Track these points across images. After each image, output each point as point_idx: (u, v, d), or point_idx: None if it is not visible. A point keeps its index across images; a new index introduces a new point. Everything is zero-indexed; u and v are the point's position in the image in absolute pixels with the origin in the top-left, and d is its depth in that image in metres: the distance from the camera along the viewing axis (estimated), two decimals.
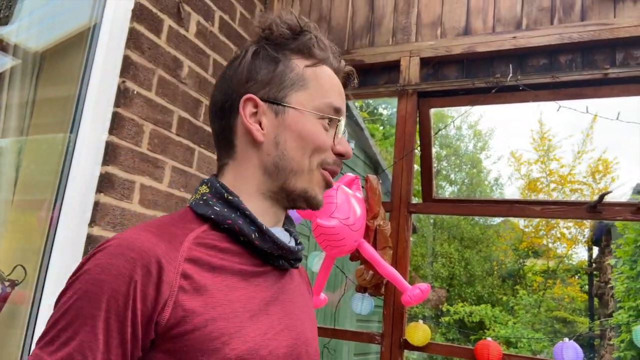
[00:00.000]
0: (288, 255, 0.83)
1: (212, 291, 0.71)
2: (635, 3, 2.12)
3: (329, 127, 0.84)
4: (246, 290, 0.76)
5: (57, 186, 1.80)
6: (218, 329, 0.69)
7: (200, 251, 0.74)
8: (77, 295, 0.64)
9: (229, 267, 0.76)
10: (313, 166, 0.82)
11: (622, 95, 2.10)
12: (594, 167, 13.82)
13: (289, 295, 0.85)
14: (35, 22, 1.93)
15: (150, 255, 0.67)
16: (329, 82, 0.86)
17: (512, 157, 15.43)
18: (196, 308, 0.68)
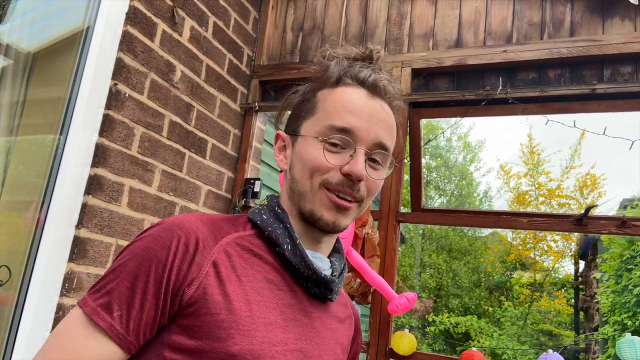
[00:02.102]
0: (317, 280, 0.84)
1: (235, 287, 0.77)
2: (623, 20, 2.16)
3: (341, 148, 0.83)
4: (269, 299, 0.79)
5: (45, 187, 1.79)
6: (229, 321, 0.73)
7: (236, 250, 0.81)
8: (128, 256, 0.75)
9: (258, 272, 0.81)
10: (315, 187, 0.83)
11: (609, 110, 2.14)
12: (582, 182, 13.96)
13: (316, 324, 0.85)
14: (28, 23, 1.93)
15: (191, 235, 0.76)
16: (336, 103, 0.85)
17: (502, 170, 15.54)
18: (215, 296, 0.74)
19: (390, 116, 0.88)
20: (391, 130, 0.87)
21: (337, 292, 0.90)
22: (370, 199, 0.88)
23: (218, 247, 0.79)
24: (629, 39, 2.09)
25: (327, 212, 0.83)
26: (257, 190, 2.63)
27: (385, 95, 0.88)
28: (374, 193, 0.87)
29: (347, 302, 1.00)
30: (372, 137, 0.83)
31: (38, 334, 1.66)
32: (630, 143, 2.16)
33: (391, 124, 0.88)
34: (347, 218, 0.85)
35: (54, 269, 1.71)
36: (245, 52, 2.75)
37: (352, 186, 0.83)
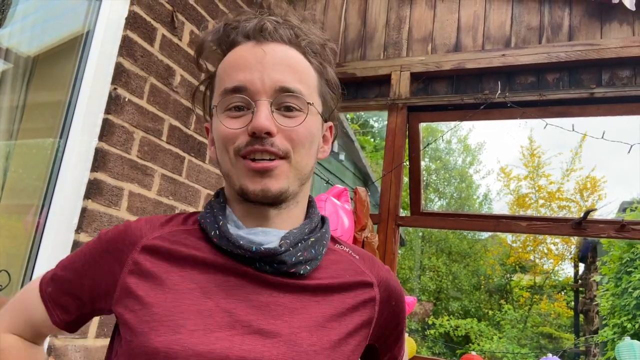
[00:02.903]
0: (254, 256, 0.75)
1: (159, 281, 0.75)
2: (621, 25, 2.17)
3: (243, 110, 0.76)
4: (206, 286, 0.74)
5: (44, 191, 1.80)
6: (150, 314, 0.72)
7: (165, 243, 0.79)
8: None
9: (192, 262, 0.77)
10: (233, 160, 0.77)
11: (608, 114, 2.14)
12: (582, 184, 13.97)
13: (283, 300, 0.75)
14: (29, 27, 1.94)
15: (119, 236, 0.81)
16: (224, 67, 0.80)
17: (502, 172, 15.55)
18: (139, 291, 0.74)
19: (291, 55, 0.79)
20: (294, 69, 0.78)
21: (303, 262, 0.77)
22: (301, 150, 0.78)
23: (143, 244, 0.79)
24: (627, 43, 2.10)
25: (250, 182, 0.75)
26: None
27: (277, 36, 0.79)
28: (299, 142, 0.77)
29: (358, 267, 0.86)
30: (269, 84, 0.75)
31: None
32: (628, 147, 2.17)
33: (293, 63, 0.78)
34: (278, 180, 0.75)
35: None
36: None
37: (262, 141, 0.74)
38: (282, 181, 0.76)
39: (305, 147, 0.78)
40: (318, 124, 0.82)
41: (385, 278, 0.88)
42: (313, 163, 0.83)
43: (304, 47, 0.81)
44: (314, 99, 0.81)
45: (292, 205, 0.82)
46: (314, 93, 0.81)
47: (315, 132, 0.81)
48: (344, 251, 0.88)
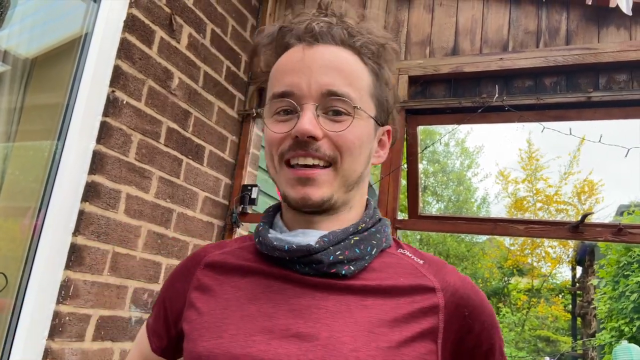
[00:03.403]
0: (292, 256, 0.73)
1: (213, 292, 0.79)
2: (618, 29, 2.17)
3: (290, 115, 0.75)
4: (251, 292, 0.76)
5: (42, 194, 1.79)
6: (201, 322, 0.76)
7: (221, 258, 0.83)
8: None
9: (241, 271, 0.80)
10: (277, 166, 0.77)
11: (605, 118, 2.15)
12: (580, 188, 14.00)
13: (325, 304, 0.72)
14: (27, 29, 1.94)
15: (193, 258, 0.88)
16: (274, 72, 0.80)
17: (501, 175, 15.57)
18: (198, 304, 0.79)
19: (341, 57, 0.76)
20: (343, 72, 0.75)
21: (345, 262, 0.73)
22: (349, 157, 0.74)
23: (205, 261, 0.85)
24: (624, 47, 2.11)
25: (291, 189, 0.74)
26: (255, 196, 2.63)
27: (328, 38, 0.77)
28: (347, 148, 0.74)
29: (418, 271, 0.78)
30: (316, 87, 0.73)
31: (34, 341, 1.66)
32: (626, 150, 2.18)
33: (342, 65, 0.75)
34: (320, 187, 0.73)
35: (51, 276, 1.71)
36: (243, 59, 2.76)
37: (305, 146, 0.72)
38: (325, 189, 0.73)
39: (353, 154, 0.75)
40: (369, 129, 0.78)
41: (453, 284, 0.78)
42: (363, 169, 0.78)
43: (358, 47, 0.78)
44: (365, 103, 0.77)
45: (344, 211, 0.79)
46: (366, 96, 0.77)
47: (366, 137, 0.77)
48: (405, 255, 0.82)
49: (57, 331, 1.69)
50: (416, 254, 0.82)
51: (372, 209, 0.83)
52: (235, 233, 2.58)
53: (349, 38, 0.77)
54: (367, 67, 0.79)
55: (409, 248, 0.84)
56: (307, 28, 0.77)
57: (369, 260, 0.76)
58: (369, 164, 0.80)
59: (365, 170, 0.80)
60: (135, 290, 2.00)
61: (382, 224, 0.83)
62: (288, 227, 0.80)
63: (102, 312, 1.85)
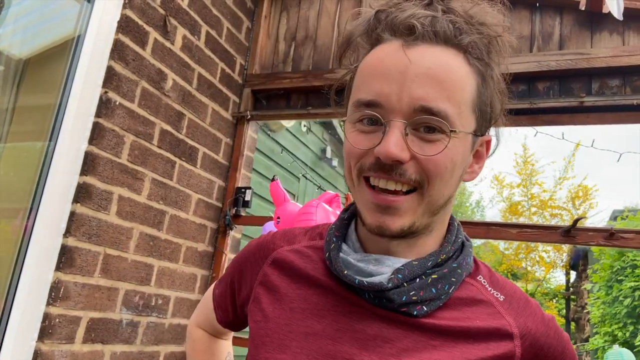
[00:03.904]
0: (361, 287, 0.68)
1: (282, 294, 0.75)
2: (611, 34, 2.19)
3: (376, 126, 0.65)
4: (318, 307, 0.71)
5: (33, 195, 1.78)
6: (265, 329, 0.73)
7: (292, 257, 0.78)
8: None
9: (311, 280, 0.74)
10: (356, 180, 0.68)
11: (597, 123, 2.16)
12: (574, 193, 14.06)
13: (388, 335, 0.67)
14: (20, 30, 1.93)
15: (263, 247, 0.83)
16: (363, 71, 0.69)
17: (496, 179, 15.61)
18: (263, 303, 0.76)
19: (441, 61, 0.64)
20: (441, 83, 0.63)
21: (418, 302, 0.67)
22: (438, 183, 0.65)
23: (273, 257, 0.80)
24: (617, 52, 2.12)
25: (369, 214, 0.67)
26: (248, 199, 2.62)
27: (430, 36, 0.65)
28: (437, 173, 0.64)
29: (497, 310, 0.70)
30: (407, 101, 0.62)
31: (24, 343, 1.65)
32: (618, 155, 2.19)
33: (441, 73, 0.63)
34: (401, 217, 0.65)
35: (41, 277, 1.70)
36: (238, 61, 2.76)
37: (389, 169, 0.63)
38: (406, 218, 0.65)
39: (443, 179, 0.65)
40: (465, 148, 0.67)
41: (535, 331, 0.70)
42: (452, 192, 0.69)
43: (465, 46, 0.66)
44: (464, 118, 0.65)
45: (424, 235, 0.70)
46: (466, 110, 0.66)
47: (460, 158, 0.66)
48: (483, 287, 0.73)
49: (47, 333, 1.68)
50: (497, 286, 0.73)
51: (455, 232, 0.74)
52: (229, 235, 2.57)
53: (455, 35, 0.65)
54: (472, 69, 0.67)
55: (488, 275, 0.75)
56: (406, 22, 0.65)
57: (445, 300, 0.68)
58: (459, 184, 0.70)
59: (455, 192, 0.70)
60: (126, 293, 1.99)
61: (465, 253, 0.73)
62: (362, 243, 0.73)
63: (93, 314, 1.84)
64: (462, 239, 0.74)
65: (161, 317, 2.18)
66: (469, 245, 0.75)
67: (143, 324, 2.08)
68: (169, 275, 2.23)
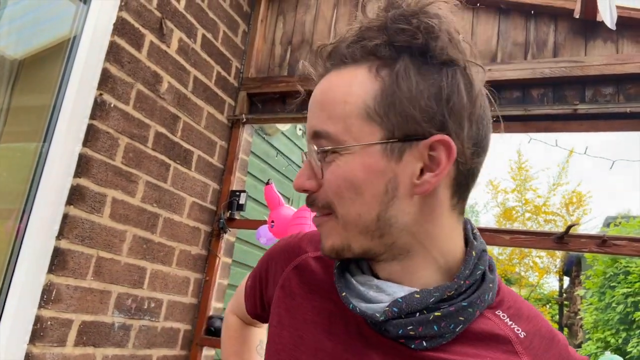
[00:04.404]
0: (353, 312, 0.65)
1: (298, 302, 0.75)
2: (605, 42, 2.20)
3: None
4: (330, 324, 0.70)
5: (26, 196, 1.77)
6: (279, 337, 0.74)
7: (317, 263, 0.77)
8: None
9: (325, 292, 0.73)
10: None
11: (591, 130, 2.17)
12: (568, 199, 14.11)
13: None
14: (15, 30, 1.93)
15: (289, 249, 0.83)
16: None
17: (490, 184, 15.66)
18: (281, 308, 0.77)
19: (325, 86, 0.65)
20: (322, 105, 0.64)
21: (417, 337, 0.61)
22: (342, 202, 0.62)
23: (297, 262, 0.79)
24: (611, 60, 2.14)
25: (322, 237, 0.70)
26: (243, 202, 2.62)
27: (335, 59, 0.65)
28: (334, 194, 0.62)
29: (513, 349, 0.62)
30: (310, 132, 0.65)
31: (15, 346, 1.64)
32: (611, 163, 2.20)
33: (322, 97, 0.64)
34: (328, 237, 0.66)
35: (33, 280, 1.69)
36: (234, 65, 2.76)
37: (309, 201, 0.67)
38: (333, 238, 0.65)
39: (344, 198, 0.62)
40: (369, 161, 0.61)
41: None
42: (376, 212, 0.62)
43: (363, 55, 0.63)
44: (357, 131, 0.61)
45: (405, 259, 0.65)
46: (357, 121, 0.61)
47: (362, 174, 0.61)
48: (503, 322, 0.65)
49: (39, 336, 1.67)
50: (520, 320, 0.65)
51: (472, 262, 0.64)
52: (222, 239, 2.57)
53: (360, 47, 0.62)
54: (370, 73, 0.62)
55: (512, 305, 0.67)
56: (321, 55, 0.67)
57: (449, 338, 0.62)
58: (392, 201, 0.62)
59: (391, 210, 0.62)
60: (119, 296, 1.98)
61: (484, 289, 0.63)
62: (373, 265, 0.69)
63: (85, 317, 1.83)
64: (483, 270, 0.65)
65: (154, 320, 2.18)
66: (491, 279, 0.65)
67: (135, 328, 2.07)
68: (162, 278, 2.22)
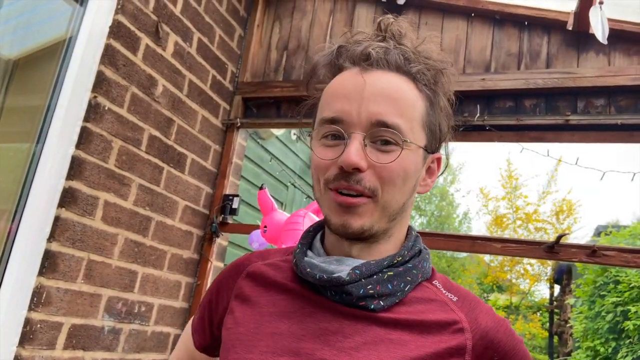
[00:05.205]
0: (322, 283, 0.74)
1: (254, 302, 0.81)
2: (597, 55, 2.23)
3: (338, 141, 0.74)
4: (285, 310, 0.77)
5: (18, 197, 1.77)
6: (236, 333, 0.78)
7: (263, 270, 0.84)
8: None
9: (279, 286, 0.80)
10: (322, 190, 0.76)
11: (582, 141, 2.19)
12: (558, 207, 14.20)
13: (349, 331, 0.72)
14: (10, 31, 1.92)
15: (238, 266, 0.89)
16: (327, 94, 0.79)
17: (481, 192, 15.73)
18: (236, 312, 0.81)
19: (395, 85, 0.74)
20: (395, 101, 0.73)
21: (375, 296, 0.73)
22: (391, 189, 0.73)
23: (247, 271, 0.86)
24: (603, 72, 2.16)
25: (334, 215, 0.74)
26: (236, 206, 2.62)
27: (383, 63, 0.75)
28: (390, 180, 0.72)
29: (449, 307, 0.77)
30: (365, 116, 0.72)
31: (4, 348, 1.62)
32: (601, 174, 2.22)
33: (394, 94, 0.73)
34: (361, 217, 0.73)
35: (23, 282, 1.68)
36: (229, 69, 2.76)
37: (348, 177, 0.72)
38: (366, 219, 0.73)
39: (396, 186, 0.73)
40: (417, 159, 0.76)
41: (484, 325, 0.75)
42: (405, 200, 0.77)
43: (414, 73, 0.76)
44: (416, 133, 0.75)
45: (383, 241, 0.78)
46: (417, 126, 0.75)
47: (412, 168, 0.75)
48: (438, 290, 0.80)
49: (28, 338, 1.66)
50: (451, 289, 0.80)
51: (413, 239, 0.81)
52: (215, 243, 2.57)
53: (405, 64, 0.76)
54: (421, 94, 0.77)
55: (443, 281, 0.82)
56: (363, 52, 0.76)
57: (401, 297, 0.75)
58: (413, 193, 0.79)
59: (409, 200, 0.78)
60: (109, 299, 1.97)
61: (422, 258, 0.80)
62: (327, 250, 0.81)
63: (75, 321, 1.82)
64: (420, 247, 0.82)
65: (144, 324, 2.17)
66: (426, 252, 0.83)
67: (125, 331, 2.06)
68: (153, 282, 2.22)
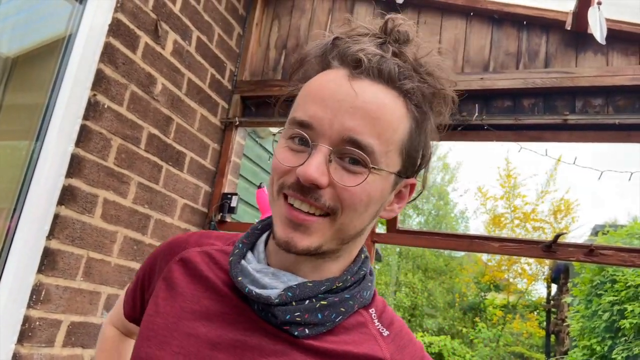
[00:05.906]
0: (252, 299, 0.69)
1: (179, 291, 0.76)
2: (595, 55, 2.24)
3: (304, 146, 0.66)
4: (208, 312, 0.72)
5: (17, 195, 1.77)
6: (153, 323, 0.74)
7: (198, 259, 0.79)
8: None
9: (210, 284, 0.75)
10: (275, 193, 0.69)
11: (580, 140, 2.20)
12: (556, 206, 14.22)
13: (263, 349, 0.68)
14: (9, 28, 1.92)
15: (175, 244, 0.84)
16: (305, 91, 0.70)
17: (479, 191, 15.75)
18: (159, 298, 0.77)
19: (378, 99, 0.65)
20: (374, 119, 0.64)
21: (301, 324, 0.68)
22: (350, 213, 0.66)
23: (182, 255, 0.80)
24: (601, 72, 2.17)
25: (281, 228, 0.67)
26: (234, 205, 2.62)
27: (375, 73, 0.66)
28: (351, 205, 0.65)
29: (376, 342, 0.71)
30: (337, 129, 0.64)
31: (3, 346, 1.63)
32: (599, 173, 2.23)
33: (375, 111, 0.64)
34: (309, 236, 0.66)
35: (22, 279, 1.68)
36: (228, 68, 2.77)
37: (306, 192, 0.64)
38: (315, 238, 0.66)
39: (357, 211, 0.66)
40: (385, 185, 0.68)
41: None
42: (365, 225, 0.70)
43: (406, 90, 0.67)
44: (390, 157, 0.67)
45: (330, 260, 0.71)
46: (394, 150, 0.67)
47: (378, 195, 0.67)
48: (371, 320, 0.74)
49: (27, 336, 1.66)
50: (384, 322, 0.75)
51: (360, 262, 0.75)
52: None
53: (398, 77, 0.67)
54: (409, 114, 0.68)
55: (380, 310, 0.77)
56: (355, 55, 0.67)
57: (330, 327, 0.69)
58: (375, 219, 0.72)
59: (369, 225, 0.71)
60: (108, 297, 1.98)
61: (363, 286, 0.74)
62: (268, 256, 0.75)
63: (74, 318, 1.83)
64: (365, 272, 0.75)
65: None
66: (370, 279, 0.76)
67: None
68: None
